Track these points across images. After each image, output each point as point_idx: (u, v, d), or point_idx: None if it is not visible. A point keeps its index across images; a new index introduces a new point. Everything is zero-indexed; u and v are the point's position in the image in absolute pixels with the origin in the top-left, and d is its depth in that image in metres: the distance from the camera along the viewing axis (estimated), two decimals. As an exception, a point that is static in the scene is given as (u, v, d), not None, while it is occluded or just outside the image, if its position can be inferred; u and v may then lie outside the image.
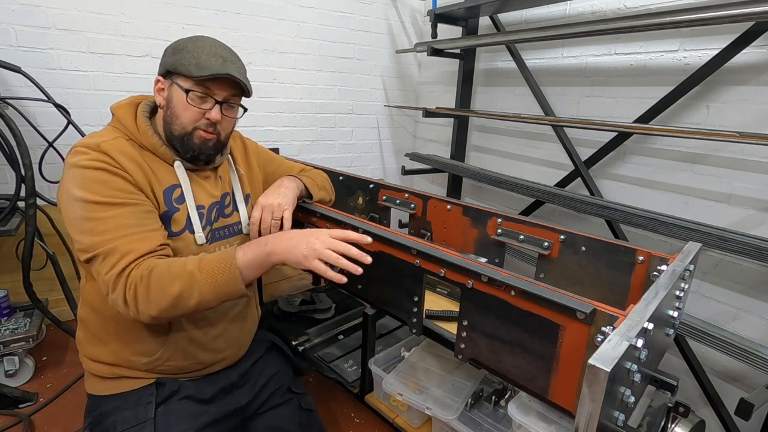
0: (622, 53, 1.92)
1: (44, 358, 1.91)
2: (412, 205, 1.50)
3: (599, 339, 0.68)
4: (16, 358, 1.72)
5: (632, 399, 0.60)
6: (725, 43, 1.54)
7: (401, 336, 1.62)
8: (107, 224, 0.86)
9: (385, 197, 1.60)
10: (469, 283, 0.87)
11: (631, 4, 1.86)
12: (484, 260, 1.02)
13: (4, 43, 1.89)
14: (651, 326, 0.62)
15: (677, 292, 0.87)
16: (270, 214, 1.10)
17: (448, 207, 1.40)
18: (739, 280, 1.62)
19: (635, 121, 1.82)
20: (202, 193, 1.04)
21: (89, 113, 2.11)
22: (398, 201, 1.55)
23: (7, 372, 1.71)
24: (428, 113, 2.50)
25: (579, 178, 2.09)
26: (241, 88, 0.98)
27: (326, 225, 1.21)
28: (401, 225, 2.23)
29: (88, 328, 1.02)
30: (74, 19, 2.00)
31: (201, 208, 1.03)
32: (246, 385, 1.14)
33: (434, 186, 3.15)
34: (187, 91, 0.93)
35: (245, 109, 1.05)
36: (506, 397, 1.24)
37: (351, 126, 3.03)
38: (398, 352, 1.38)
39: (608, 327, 0.65)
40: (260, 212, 1.11)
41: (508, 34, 2.14)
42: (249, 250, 0.90)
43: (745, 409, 1.10)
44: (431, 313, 1.15)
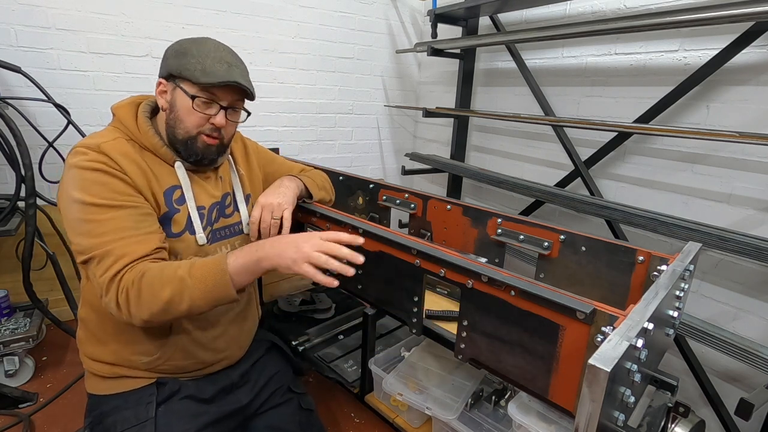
0: (622, 53, 1.92)
1: (44, 358, 1.91)
2: (412, 205, 1.50)
3: (599, 339, 0.68)
4: (16, 358, 1.72)
5: (632, 399, 0.60)
6: (725, 43, 1.54)
7: (401, 336, 1.62)
8: (104, 227, 0.86)
9: (385, 197, 1.60)
10: (469, 283, 0.87)
11: (631, 4, 1.86)
12: (484, 260, 1.02)
13: (4, 43, 1.89)
14: (651, 326, 0.62)
15: (677, 292, 0.87)
16: (270, 213, 1.10)
17: (448, 207, 1.40)
18: (739, 280, 1.62)
19: (635, 121, 1.82)
20: (203, 193, 1.04)
21: (89, 113, 2.11)
22: (398, 201, 1.55)
23: (7, 372, 1.71)
24: (428, 113, 2.51)
25: (579, 178, 2.09)
26: (245, 93, 0.98)
27: (326, 225, 1.21)
28: (401, 225, 2.23)
29: (89, 327, 1.02)
30: (74, 19, 2.00)
31: (201, 209, 1.03)
32: (246, 385, 1.14)
33: (434, 186, 3.15)
34: (193, 98, 0.93)
35: (249, 113, 1.05)
36: (506, 397, 1.24)
37: (351, 126, 3.03)
38: (398, 352, 1.38)
39: (608, 327, 0.65)
40: (260, 211, 1.11)
41: (508, 34, 2.14)
42: (240, 255, 0.89)
43: (745, 409, 1.10)
44: (431, 313, 1.15)
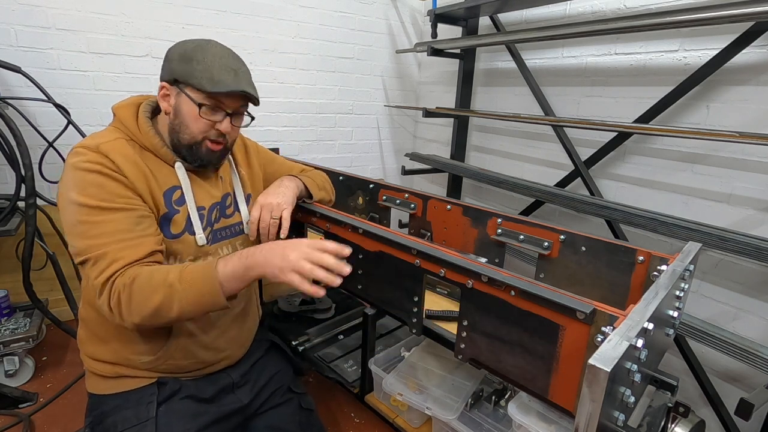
0: (622, 53, 1.92)
1: (44, 358, 1.92)
2: (412, 205, 1.50)
3: (599, 339, 0.68)
4: (16, 358, 1.72)
5: (632, 399, 0.60)
6: (725, 43, 1.54)
7: (401, 336, 1.62)
8: (99, 229, 0.86)
9: (385, 197, 1.60)
10: (469, 283, 0.87)
11: (631, 4, 1.86)
12: (484, 260, 1.02)
13: (4, 43, 1.89)
14: (651, 326, 0.62)
15: (677, 292, 0.87)
16: (269, 213, 1.10)
17: (448, 207, 1.40)
18: (739, 280, 1.62)
19: (635, 121, 1.82)
20: (203, 193, 1.04)
21: (89, 113, 2.11)
22: (398, 201, 1.55)
23: (7, 372, 1.72)
24: (428, 113, 2.51)
25: (579, 178, 2.09)
26: (250, 98, 0.99)
27: (326, 225, 1.21)
28: (401, 225, 2.23)
29: (89, 327, 1.02)
30: (74, 19, 2.00)
31: (201, 209, 1.03)
32: (246, 385, 1.14)
33: (434, 186, 3.15)
34: (200, 105, 0.93)
35: (252, 118, 1.05)
36: (506, 397, 1.24)
37: (351, 126, 3.03)
38: (398, 352, 1.38)
39: (608, 327, 0.65)
40: (259, 211, 1.11)
41: (508, 34, 2.14)
42: (230, 262, 0.88)
43: (745, 409, 1.10)
44: (431, 313, 1.15)
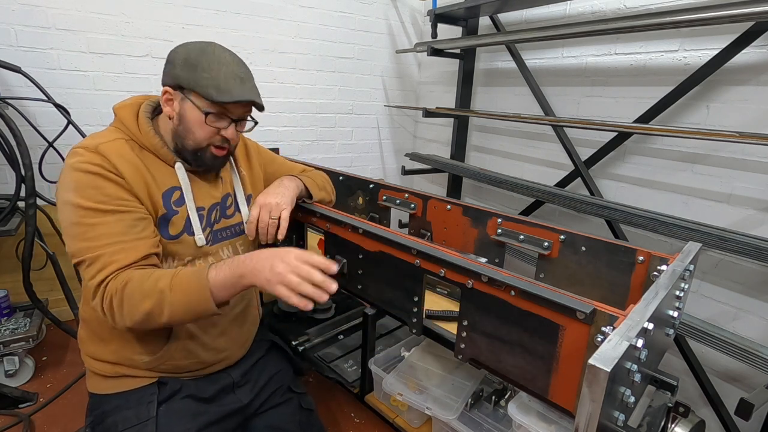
0: (622, 53, 1.92)
1: (44, 358, 1.92)
2: (412, 205, 1.50)
3: (599, 339, 0.68)
4: (16, 358, 1.72)
5: (632, 399, 0.60)
6: (725, 43, 1.54)
7: (401, 336, 1.62)
8: (95, 231, 0.86)
9: (385, 197, 1.60)
10: (469, 283, 0.87)
11: (631, 4, 1.86)
12: (484, 260, 1.02)
13: (4, 43, 1.89)
14: (651, 326, 0.62)
15: (677, 292, 0.87)
16: (268, 213, 1.10)
17: (448, 207, 1.40)
18: (739, 280, 1.62)
19: (635, 121, 1.82)
20: (203, 194, 1.04)
21: (89, 113, 2.11)
22: (398, 201, 1.55)
23: (7, 372, 1.72)
24: (428, 113, 2.51)
25: (579, 178, 2.09)
26: (256, 105, 0.99)
27: (326, 225, 1.21)
28: (401, 225, 2.23)
29: (90, 326, 1.02)
30: (74, 19, 2.00)
31: (201, 210, 1.03)
32: (247, 385, 1.14)
33: (434, 186, 3.15)
34: (207, 114, 0.94)
35: (256, 123, 1.06)
36: (506, 397, 1.24)
37: (351, 126, 3.03)
38: (398, 352, 1.38)
39: (608, 327, 0.65)
40: (258, 211, 1.11)
41: (508, 34, 2.14)
42: (221, 270, 0.87)
43: (745, 409, 1.10)
44: (431, 313, 1.15)
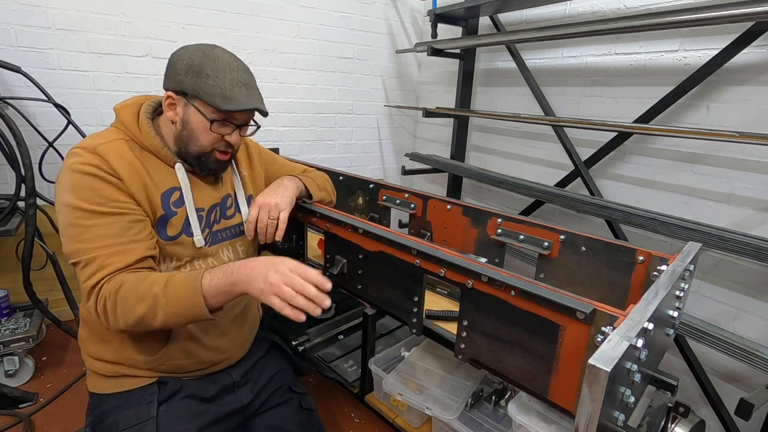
0: (622, 53, 1.92)
1: (44, 358, 1.92)
2: (412, 205, 1.50)
3: (599, 339, 0.68)
4: (16, 358, 1.72)
5: (632, 399, 0.60)
6: (725, 43, 1.54)
7: (401, 336, 1.61)
8: (90, 233, 0.86)
9: (385, 197, 1.60)
10: (469, 283, 0.87)
11: (631, 4, 1.86)
12: (484, 260, 1.02)
13: (4, 43, 1.89)
14: (651, 326, 0.62)
15: (677, 292, 0.87)
16: (266, 213, 1.11)
17: (448, 207, 1.40)
18: (739, 280, 1.62)
19: (635, 121, 1.82)
20: (202, 195, 1.04)
21: (89, 113, 2.11)
22: (398, 201, 1.55)
23: (7, 372, 1.72)
24: (428, 113, 2.51)
25: (579, 178, 2.09)
26: (260, 111, 1.00)
27: (326, 225, 1.21)
28: (401, 225, 2.23)
29: (90, 326, 1.02)
30: (74, 19, 2.00)
31: (200, 211, 1.03)
32: (247, 385, 1.14)
33: (434, 186, 3.15)
34: (212, 121, 0.94)
35: (258, 126, 1.06)
36: (506, 397, 1.24)
37: (351, 126, 3.03)
38: (398, 352, 1.38)
39: (608, 327, 0.65)
40: (257, 211, 1.11)
41: (508, 34, 2.14)
42: (216, 276, 0.87)
43: (745, 409, 1.10)
44: (431, 313, 1.15)
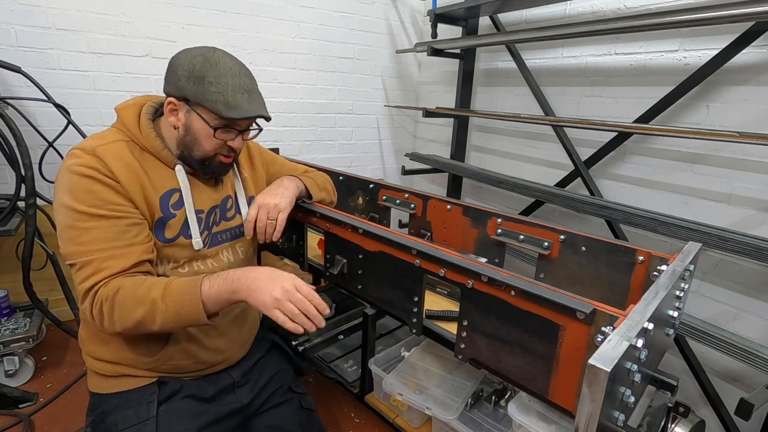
0: (622, 53, 1.92)
1: (44, 358, 1.92)
2: (412, 205, 1.50)
3: (599, 339, 0.68)
4: (16, 358, 1.72)
5: (632, 399, 0.60)
6: (725, 43, 1.54)
7: (401, 336, 1.62)
8: (87, 236, 0.87)
9: (385, 197, 1.60)
10: (469, 283, 0.87)
11: (631, 4, 1.86)
12: (484, 260, 1.02)
13: (4, 43, 1.89)
14: (651, 326, 0.62)
15: (677, 292, 0.87)
16: (266, 213, 1.11)
17: (448, 207, 1.40)
18: (739, 280, 1.62)
19: (635, 121, 1.82)
20: (202, 196, 1.04)
21: (89, 113, 2.11)
22: (398, 201, 1.55)
23: (7, 372, 1.71)
24: (428, 113, 2.50)
25: (579, 178, 2.09)
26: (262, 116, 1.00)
27: (326, 225, 1.21)
28: (401, 225, 2.23)
29: (91, 326, 1.02)
30: (74, 19, 2.00)
31: (200, 213, 1.03)
32: (247, 385, 1.14)
33: (434, 186, 3.15)
34: (215, 128, 0.94)
35: (261, 129, 1.06)
36: (506, 397, 1.24)
37: (351, 126, 3.03)
38: (398, 352, 1.38)
39: (608, 327, 0.65)
40: (256, 211, 1.11)
41: (508, 34, 2.14)
42: (216, 283, 0.89)
43: (745, 409, 1.10)
44: (431, 313, 1.15)
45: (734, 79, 1.58)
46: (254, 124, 1.04)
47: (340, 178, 1.72)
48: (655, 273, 0.94)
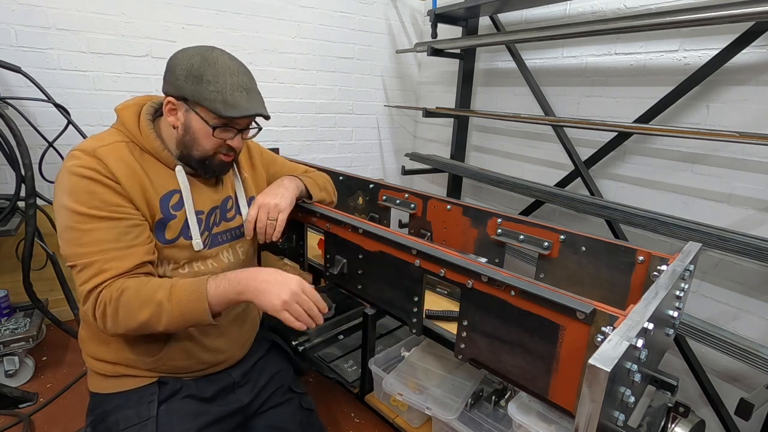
0: (622, 53, 1.92)
1: (44, 358, 1.92)
2: (412, 205, 1.50)
3: (599, 339, 0.68)
4: (16, 358, 1.72)
5: (632, 399, 0.60)
6: (725, 43, 1.54)
7: (401, 336, 1.61)
8: (88, 237, 0.87)
9: (385, 197, 1.60)
10: (469, 283, 0.87)
11: (631, 4, 1.86)
12: (484, 260, 1.02)
13: (4, 43, 1.89)
14: (651, 326, 0.62)
15: (677, 292, 0.87)
16: (266, 214, 1.11)
17: (448, 207, 1.40)
18: (739, 280, 1.62)
19: (635, 121, 1.82)
20: (202, 197, 1.04)
21: (89, 113, 2.11)
22: (398, 201, 1.55)
23: (7, 372, 1.72)
24: (428, 113, 2.51)
25: (579, 178, 2.09)
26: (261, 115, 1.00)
27: (326, 225, 1.21)
28: (401, 225, 2.23)
29: (91, 327, 1.02)
30: (74, 19, 2.00)
31: (200, 214, 1.03)
32: (247, 385, 1.14)
33: (434, 186, 3.15)
34: (214, 127, 0.94)
35: (260, 128, 1.06)
36: (506, 397, 1.24)
37: (351, 126, 3.03)
38: (398, 352, 1.38)
39: (608, 327, 0.65)
40: (256, 211, 1.11)
41: (508, 34, 2.14)
42: (222, 284, 0.90)
43: (745, 409, 1.10)
44: (431, 313, 1.15)
45: (734, 79, 1.58)
46: (253, 123, 1.04)
47: (340, 178, 1.72)
48: (655, 273, 0.94)
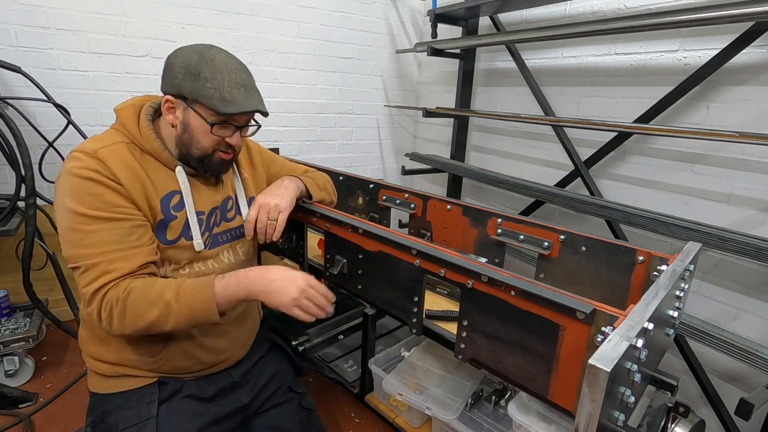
0: (622, 53, 1.92)
1: (44, 358, 1.92)
2: (412, 205, 1.50)
3: (599, 339, 0.68)
4: (16, 358, 1.72)
5: (632, 399, 0.60)
6: (725, 43, 1.54)
7: (401, 336, 1.61)
8: (91, 238, 0.86)
9: (385, 197, 1.60)
10: (469, 283, 0.87)
11: (631, 4, 1.86)
12: (484, 260, 1.02)
13: (4, 43, 1.89)
14: (651, 326, 0.62)
15: (677, 292, 0.87)
16: (266, 213, 1.11)
17: (448, 207, 1.40)
18: (739, 280, 1.62)
19: (635, 121, 1.82)
20: (203, 198, 1.04)
21: (89, 113, 2.11)
22: (398, 201, 1.55)
23: (7, 372, 1.72)
24: (428, 113, 2.51)
25: (579, 178, 2.09)
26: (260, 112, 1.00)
27: (326, 225, 1.21)
28: (401, 225, 2.23)
29: (91, 327, 1.02)
30: (74, 19, 2.00)
31: (201, 214, 1.03)
32: (247, 385, 1.14)
33: (434, 186, 3.15)
34: (212, 124, 0.94)
35: (259, 126, 1.06)
36: (506, 397, 1.24)
37: (351, 126, 3.03)
38: (398, 352, 1.38)
39: (608, 327, 0.65)
40: (256, 211, 1.11)
41: (508, 34, 2.14)
42: (230, 284, 0.91)
43: (745, 409, 1.10)
44: (431, 313, 1.15)
45: (734, 79, 1.58)
46: (252, 121, 1.04)
47: (340, 178, 1.72)
48: (655, 273, 0.94)
